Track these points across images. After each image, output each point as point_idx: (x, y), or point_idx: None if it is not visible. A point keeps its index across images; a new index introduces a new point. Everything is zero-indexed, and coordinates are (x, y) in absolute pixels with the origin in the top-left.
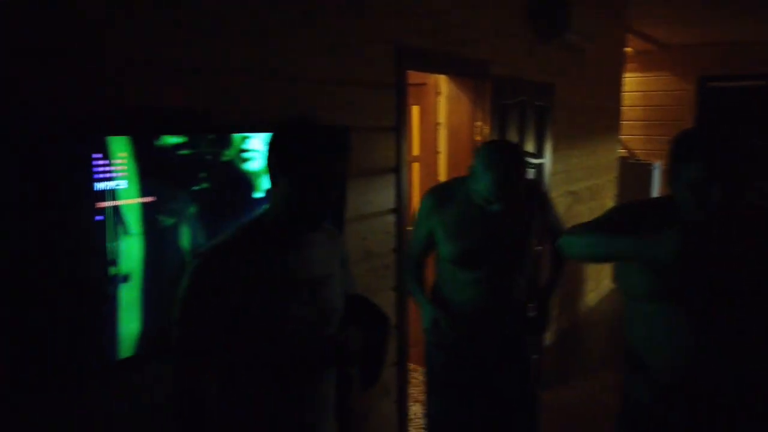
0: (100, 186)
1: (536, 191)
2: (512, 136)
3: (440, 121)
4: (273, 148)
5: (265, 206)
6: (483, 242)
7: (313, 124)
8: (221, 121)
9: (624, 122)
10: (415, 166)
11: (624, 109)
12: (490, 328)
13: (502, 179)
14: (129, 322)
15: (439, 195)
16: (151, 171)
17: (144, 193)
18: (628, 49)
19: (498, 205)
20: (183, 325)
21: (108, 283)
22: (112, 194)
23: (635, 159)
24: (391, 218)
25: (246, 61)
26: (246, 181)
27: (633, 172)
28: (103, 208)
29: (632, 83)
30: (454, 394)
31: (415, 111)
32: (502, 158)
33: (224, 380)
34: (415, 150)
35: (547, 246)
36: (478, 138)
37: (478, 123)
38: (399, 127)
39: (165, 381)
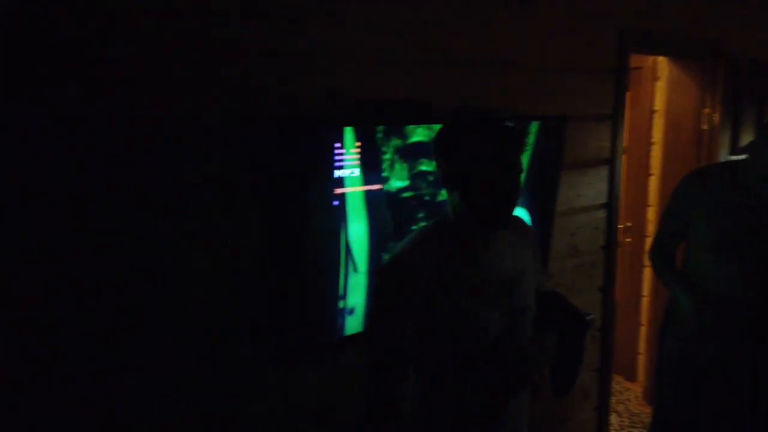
0: (337, 173)
1: None
2: (747, 126)
3: (656, 108)
4: (439, 146)
5: (445, 209)
6: (749, 230)
7: (478, 119)
8: (441, 112)
9: None
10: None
11: None
12: (746, 328)
13: None
14: (354, 302)
15: (701, 177)
16: (378, 160)
17: (369, 181)
18: None
19: None
20: (377, 334)
21: (340, 265)
22: (345, 181)
23: None
24: (601, 213)
25: (464, 51)
26: None
27: None
28: (339, 194)
29: None
30: (686, 389)
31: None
32: None
33: (422, 386)
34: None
35: None
36: (705, 127)
37: (706, 110)
38: (616, 115)
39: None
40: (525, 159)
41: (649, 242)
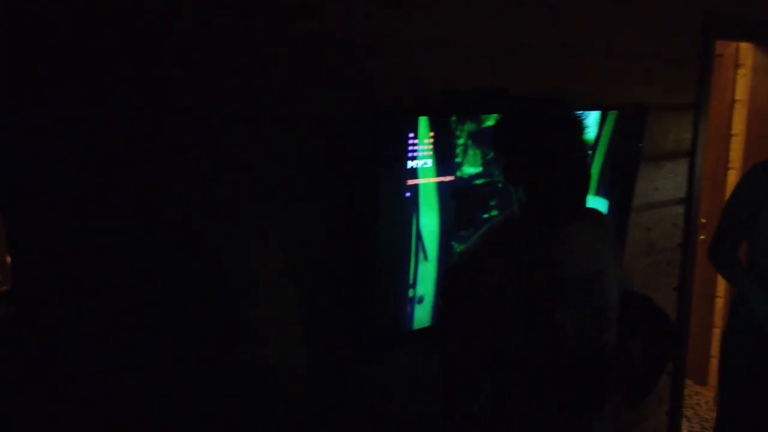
0: (410, 164)
1: None
2: None
3: (738, 98)
4: (497, 139)
5: (514, 206)
6: None
7: (541, 105)
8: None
9: None
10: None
11: None
12: None
13: None
14: (423, 291)
15: None
16: (451, 150)
17: (442, 172)
18: None
19: None
20: (449, 330)
21: (411, 253)
22: (418, 173)
23: None
24: (679, 209)
25: (540, 38)
26: None
27: None
28: (412, 186)
29: None
30: (755, 393)
31: None
32: None
33: (496, 389)
34: None
35: None
36: None
37: None
38: (699, 105)
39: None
40: (602, 149)
41: None
